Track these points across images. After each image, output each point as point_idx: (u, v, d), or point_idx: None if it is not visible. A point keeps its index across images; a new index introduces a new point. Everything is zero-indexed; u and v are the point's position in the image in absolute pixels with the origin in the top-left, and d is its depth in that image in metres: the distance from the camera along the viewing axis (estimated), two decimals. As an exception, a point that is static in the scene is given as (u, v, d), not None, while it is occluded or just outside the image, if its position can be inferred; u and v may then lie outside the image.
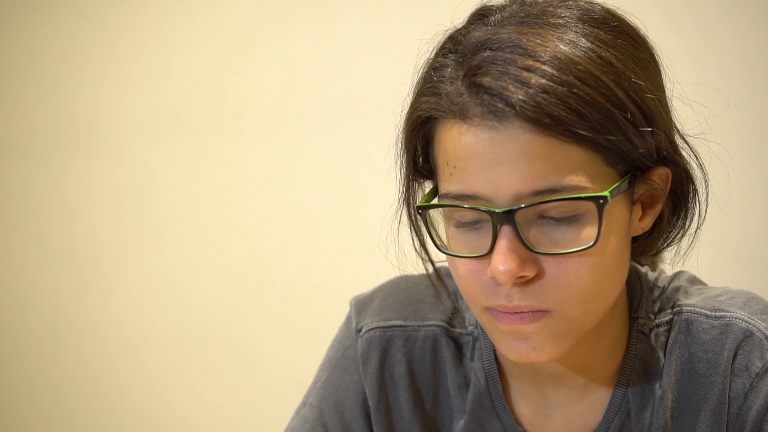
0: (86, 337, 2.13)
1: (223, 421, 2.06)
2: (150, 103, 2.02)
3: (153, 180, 2.05)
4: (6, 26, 2.11)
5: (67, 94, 2.08)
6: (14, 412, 2.21)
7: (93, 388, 2.15)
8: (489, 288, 0.78)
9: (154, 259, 2.06)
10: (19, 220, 2.16)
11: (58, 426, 2.18)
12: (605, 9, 0.80)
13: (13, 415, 2.21)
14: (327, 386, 0.96)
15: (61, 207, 2.12)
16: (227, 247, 2.02)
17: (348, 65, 1.88)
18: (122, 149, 2.06)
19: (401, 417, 0.94)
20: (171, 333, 2.07)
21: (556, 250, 0.76)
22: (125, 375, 2.12)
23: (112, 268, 2.10)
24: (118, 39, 2.04)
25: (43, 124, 2.10)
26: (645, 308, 0.89)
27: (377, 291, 0.98)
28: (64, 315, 2.14)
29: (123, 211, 2.07)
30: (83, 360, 2.14)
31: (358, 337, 0.96)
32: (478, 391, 0.92)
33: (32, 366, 2.19)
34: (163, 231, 2.05)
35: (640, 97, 0.76)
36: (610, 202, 0.76)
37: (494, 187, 0.75)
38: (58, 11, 2.07)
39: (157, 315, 2.08)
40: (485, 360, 0.92)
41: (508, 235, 0.75)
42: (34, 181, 2.13)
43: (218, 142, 1.99)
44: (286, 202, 1.97)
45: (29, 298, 2.17)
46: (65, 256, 2.13)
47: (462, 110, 0.76)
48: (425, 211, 0.82)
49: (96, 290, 2.11)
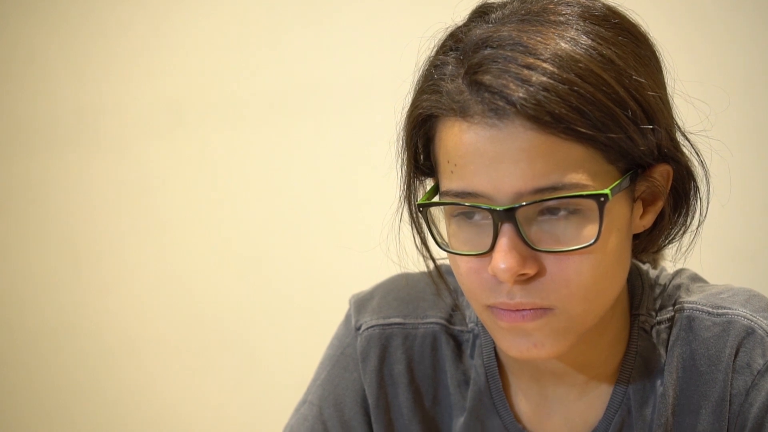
0: (86, 334, 2.13)
1: (223, 418, 2.06)
2: (151, 99, 2.02)
3: (153, 177, 2.04)
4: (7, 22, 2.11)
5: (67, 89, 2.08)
6: (14, 410, 2.21)
7: (93, 386, 2.15)
8: (490, 286, 0.78)
9: (154, 256, 2.06)
10: (18, 216, 2.16)
11: (58, 424, 2.18)
12: (606, 6, 0.80)
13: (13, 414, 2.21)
14: (326, 384, 0.96)
15: (61, 204, 2.12)
16: (227, 244, 2.02)
17: (349, 63, 1.88)
18: (123, 145, 2.06)
19: (401, 414, 0.94)
20: (171, 330, 2.07)
21: (557, 248, 0.76)
22: (125, 373, 2.12)
23: (112, 265, 2.10)
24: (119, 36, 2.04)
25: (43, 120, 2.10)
26: (646, 305, 0.89)
27: (377, 289, 0.98)
28: (63, 312, 2.14)
29: (123, 208, 2.07)
30: (83, 358, 2.14)
31: (357, 335, 0.96)
32: (478, 388, 0.92)
33: (31, 364, 2.19)
34: (163, 228, 2.05)
35: (641, 95, 0.76)
36: (611, 199, 0.76)
37: (495, 184, 0.75)
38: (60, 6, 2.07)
39: (157, 312, 2.08)
40: (485, 357, 0.92)
41: (508, 232, 0.75)
42: (34, 177, 2.13)
43: (219, 139, 1.99)
44: (287, 200, 1.97)
45: (28, 295, 2.17)
46: (65, 253, 2.12)
47: (463, 108, 0.76)
48: (426, 209, 0.82)
49: (96, 287, 2.11)
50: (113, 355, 2.12)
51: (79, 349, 2.14)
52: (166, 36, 2.01)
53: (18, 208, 2.16)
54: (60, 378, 2.17)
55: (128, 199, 2.06)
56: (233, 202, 2.00)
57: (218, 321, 2.04)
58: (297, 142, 1.94)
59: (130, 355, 2.11)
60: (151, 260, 2.06)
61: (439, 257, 0.90)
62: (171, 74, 2.01)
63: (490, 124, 0.74)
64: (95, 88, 2.06)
